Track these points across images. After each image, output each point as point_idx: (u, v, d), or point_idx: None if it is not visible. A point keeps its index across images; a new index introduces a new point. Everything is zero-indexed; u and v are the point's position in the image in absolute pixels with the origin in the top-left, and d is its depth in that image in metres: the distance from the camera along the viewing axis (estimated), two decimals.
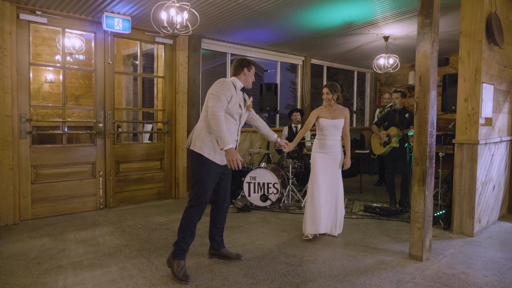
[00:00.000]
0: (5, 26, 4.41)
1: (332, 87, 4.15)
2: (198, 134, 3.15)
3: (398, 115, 5.34)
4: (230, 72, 3.43)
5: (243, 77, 3.33)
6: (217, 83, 3.16)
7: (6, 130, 4.49)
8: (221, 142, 2.94)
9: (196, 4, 4.55)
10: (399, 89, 5.46)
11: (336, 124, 4.15)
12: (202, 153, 3.08)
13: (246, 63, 3.35)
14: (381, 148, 5.40)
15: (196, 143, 3.12)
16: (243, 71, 3.33)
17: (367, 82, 9.91)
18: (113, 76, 5.39)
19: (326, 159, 4.14)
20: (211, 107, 3.00)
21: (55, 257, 3.51)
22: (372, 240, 4.08)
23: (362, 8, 5.02)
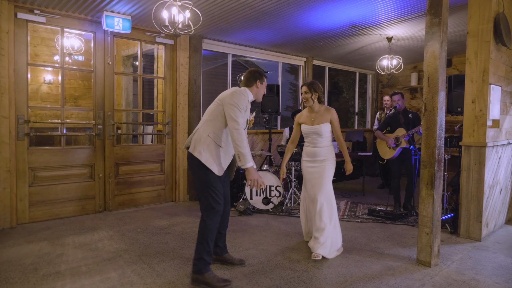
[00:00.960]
0: (2, 25, 4.32)
1: (312, 85, 3.72)
2: (200, 138, 3.00)
3: (402, 116, 5.25)
4: (241, 82, 3.27)
5: (254, 90, 3.20)
6: (237, 93, 3.00)
7: (3, 131, 4.39)
8: (243, 159, 2.90)
9: (198, 3, 4.46)
10: (397, 91, 5.39)
11: (317, 130, 3.70)
12: (200, 158, 2.94)
13: (259, 76, 3.22)
14: (391, 152, 5.29)
15: (196, 147, 2.98)
16: (255, 84, 3.20)
17: (369, 84, 9.83)
18: (112, 76, 5.29)
19: (314, 168, 3.74)
20: (236, 120, 2.89)
21: (52, 263, 3.41)
22: (377, 244, 3.98)
23: (366, 9, 4.94)
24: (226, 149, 3.07)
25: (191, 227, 4.55)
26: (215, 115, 3.03)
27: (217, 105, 3.06)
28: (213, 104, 3.12)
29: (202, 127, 3.05)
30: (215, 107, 3.06)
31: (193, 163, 3.00)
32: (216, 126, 3.01)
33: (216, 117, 3.03)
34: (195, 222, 4.75)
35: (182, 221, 4.84)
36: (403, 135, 5.14)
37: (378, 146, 5.50)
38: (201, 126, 3.07)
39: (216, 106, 3.06)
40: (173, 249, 3.78)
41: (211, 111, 3.08)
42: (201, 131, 3.03)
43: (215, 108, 3.05)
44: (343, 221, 4.86)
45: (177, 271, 3.25)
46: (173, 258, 3.54)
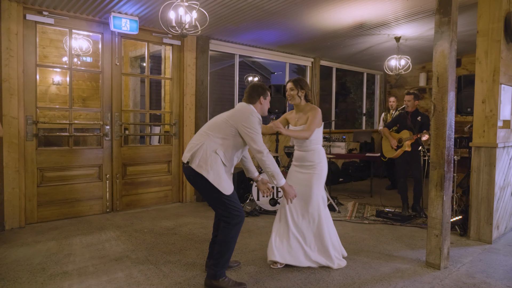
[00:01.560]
0: (11, 26, 4.35)
1: (298, 81, 3.38)
2: (205, 154, 2.83)
3: (411, 118, 5.20)
4: (244, 98, 3.11)
5: (259, 106, 3.07)
6: (250, 118, 2.90)
7: (12, 132, 4.42)
8: (277, 177, 2.93)
9: (205, 3, 4.46)
10: (411, 91, 5.31)
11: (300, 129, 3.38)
12: (208, 178, 2.80)
13: (262, 91, 3.09)
14: (393, 151, 5.26)
15: (201, 163, 2.81)
16: (259, 100, 3.07)
17: (377, 84, 9.77)
18: (120, 77, 5.31)
19: (299, 174, 3.42)
20: (262, 146, 2.87)
21: (60, 263, 3.42)
22: (386, 246, 3.94)
23: (374, 8, 4.90)
24: (229, 168, 2.97)
25: (198, 228, 4.54)
26: (226, 134, 2.90)
27: (228, 125, 2.91)
28: (221, 121, 2.96)
29: (207, 142, 2.88)
30: (225, 126, 2.91)
31: (198, 181, 2.85)
32: (226, 145, 2.90)
33: (227, 136, 2.90)
34: (202, 223, 4.74)
35: (189, 222, 4.84)
36: (407, 138, 5.09)
37: (383, 143, 5.48)
38: (205, 141, 2.89)
39: (227, 125, 2.91)
40: (180, 250, 3.77)
41: (219, 127, 2.93)
42: (207, 147, 2.86)
43: (226, 127, 2.91)
44: (351, 223, 4.83)
45: (183, 272, 3.24)
46: (179, 259, 3.53)
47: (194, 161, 2.84)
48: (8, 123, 4.37)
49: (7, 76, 4.35)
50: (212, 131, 2.93)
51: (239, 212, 2.92)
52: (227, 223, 2.90)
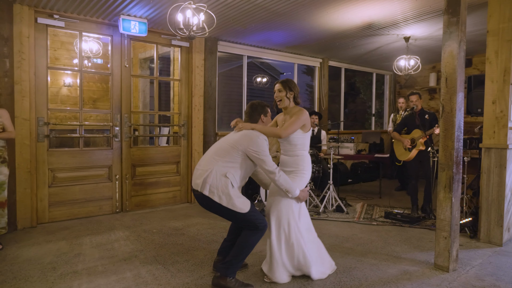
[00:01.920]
0: (23, 30, 4.43)
1: (287, 83, 3.21)
2: (216, 180, 2.82)
3: (419, 117, 5.16)
4: (244, 118, 3.18)
5: (261, 124, 3.10)
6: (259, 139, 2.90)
7: (24, 133, 4.50)
8: (292, 192, 2.97)
9: (213, 5, 4.48)
10: (415, 91, 5.30)
11: None
12: (221, 203, 2.82)
13: (261, 109, 3.11)
14: (407, 153, 5.20)
15: (213, 190, 2.81)
16: (260, 119, 3.11)
17: (386, 84, 9.70)
18: (129, 79, 5.37)
19: None
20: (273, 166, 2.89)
21: (70, 262, 3.47)
22: (394, 248, 3.91)
23: (382, 9, 4.87)
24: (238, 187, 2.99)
25: (206, 229, 4.56)
26: (234, 158, 2.90)
27: (236, 150, 2.90)
28: (228, 146, 2.93)
29: (216, 167, 2.86)
30: (233, 151, 2.90)
31: (213, 206, 2.87)
32: (235, 168, 2.90)
33: (235, 160, 2.90)
34: (210, 224, 4.76)
35: (197, 222, 4.87)
36: (419, 136, 5.05)
37: (395, 147, 5.42)
38: (214, 167, 2.87)
39: (235, 151, 2.90)
40: (188, 250, 3.80)
41: (226, 152, 2.91)
42: (216, 172, 2.85)
43: (234, 152, 2.90)
44: (359, 224, 4.81)
45: (191, 272, 3.26)
46: (187, 259, 3.56)
47: (205, 187, 2.83)
48: (20, 125, 4.45)
49: (19, 79, 4.43)
50: (220, 156, 2.91)
51: (262, 221, 2.93)
52: (246, 232, 2.92)
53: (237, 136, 2.98)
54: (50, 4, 4.45)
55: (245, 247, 2.90)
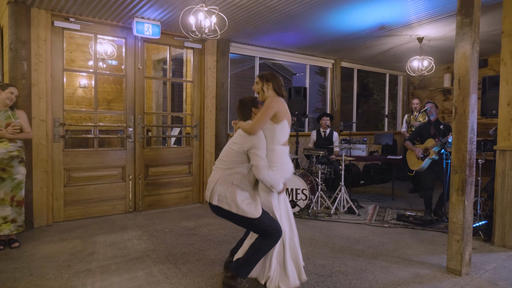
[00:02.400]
0: (40, 33, 4.54)
1: (263, 75, 3.08)
2: (223, 190, 2.84)
3: (434, 127, 5.12)
4: (238, 116, 3.07)
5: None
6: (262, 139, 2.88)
7: (41, 134, 4.61)
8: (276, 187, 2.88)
9: (225, 8, 4.52)
10: (431, 101, 5.27)
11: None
12: (231, 210, 2.83)
13: (251, 103, 3.04)
14: (419, 162, 5.14)
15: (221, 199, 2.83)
16: (253, 112, 3.03)
17: (400, 85, 9.61)
18: (143, 81, 5.45)
19: None
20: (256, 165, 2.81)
21: (84, 260, 3.55)
22: (405, 251, 3.88)
23: (395, 9, 4.84)
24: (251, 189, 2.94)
25: (217, 229, 4.60)
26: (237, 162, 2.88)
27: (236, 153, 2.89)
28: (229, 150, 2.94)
29: (222, 176, 2.88)
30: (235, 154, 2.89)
31: (225, 214, 2.89)
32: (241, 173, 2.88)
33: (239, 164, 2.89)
34: (221, 224, 4.80)
35: (209, 222, 4.91)
36: (432, 145, 5.01)
37: (408, 156, 5.38)
38: (219, 176, 2.89)
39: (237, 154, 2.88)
40: (199, 250, 3.84)
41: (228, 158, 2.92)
42: (222, 181, 2.86)
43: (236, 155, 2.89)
44: (371, 226, 4.78)
45: (202, 272, 3.30)
46: (198, 259, 3.59)
47: (214, 198, 2.86)
48: (37, 126, 4.56)
49: (36, 81, 4.54)
50: (223, 164, 2.92)
51: (276, 228, 2.86)
52: (260, 238, 2.86)
53: (235, 138, 2.98)
54: (66, 7, 4.55)
55: (257, 252, 2.87)
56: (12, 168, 3.83)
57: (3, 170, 3.79)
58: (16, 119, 3.90)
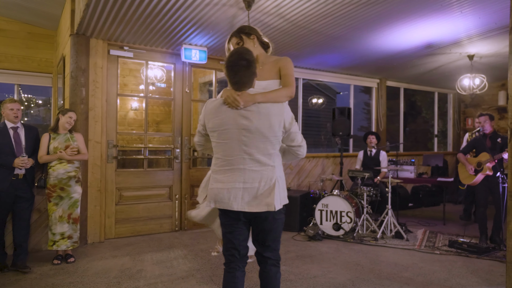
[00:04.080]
0: (98, 61, 4.90)
1: (241, 28, 2.55)
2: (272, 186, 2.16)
3: (490, 140, 4.85)
4: (240, 83, 2.21)
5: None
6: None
7: (96, 155, 4.91)
8: None
9: (269, 32, 4.65)
10: (484, 112, 5.00)
11: (265, 86, 2.41)
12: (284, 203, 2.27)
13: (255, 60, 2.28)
14: (471, 177, 4.90)
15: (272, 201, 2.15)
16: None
17: (450, 104, 9.24)
18: (190, 104, 5.67)
19: None
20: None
21: (133, 277, 3.68)
22: (459, 280, 3.67)
23: (443, 28, 4.73)
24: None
25: None
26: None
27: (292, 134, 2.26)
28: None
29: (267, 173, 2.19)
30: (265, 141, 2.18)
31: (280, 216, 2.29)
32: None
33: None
34: None
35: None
36: (487, 160, 4.74)
37: (460, 169, 5.13)
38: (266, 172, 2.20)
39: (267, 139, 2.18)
40: None
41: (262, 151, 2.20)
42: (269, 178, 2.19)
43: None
44: (420, 252, 4.57)
45: None
46: None
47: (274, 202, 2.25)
48: (92, 147, 4.87)
49: (93, 105, 4.87)
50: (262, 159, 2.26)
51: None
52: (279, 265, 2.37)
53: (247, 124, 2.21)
54: (121, 37, 4.88)
55: None
56: (70, 187, 4.10)
57: (62, 189, 4.06)
58: (74, 141, 4.19)
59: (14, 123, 3.95)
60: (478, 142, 4.96)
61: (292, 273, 3.83)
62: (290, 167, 6.60)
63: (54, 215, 4.03)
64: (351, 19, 4.38)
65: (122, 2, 3.78)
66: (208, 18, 4.28)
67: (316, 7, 3.99)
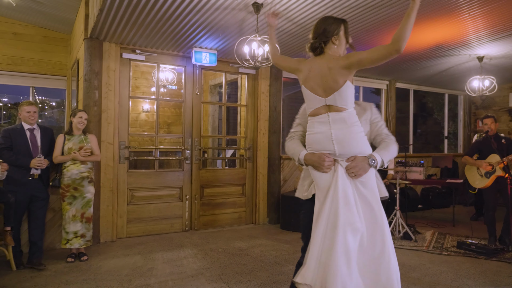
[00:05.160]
0: (110, 64, 5.02)
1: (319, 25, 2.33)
2: None
3: (495, 141, 4.84)
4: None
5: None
6: None
7: (108, 156, 5.03)
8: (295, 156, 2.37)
9: (278, 35, 4.72)
10: (490, 114, 5.00)
11: None
12: None
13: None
14: (484, 180, 4.87)
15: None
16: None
17: (460, 105, 9.19)
18: (200, 106, 5.77)
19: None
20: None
21: (144, 275, 3.78)
22: (466, 281, 3.68)
23: (452, 30, 4.74)
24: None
25: (269, 250, 4.67)
26: None
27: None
28: None
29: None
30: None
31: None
32: None
33: None
34: (273, 245, 4.86)
35: (261, 243, 4.99)
36: (498, 161, 4.73)
37: (467, 173, 5.11)
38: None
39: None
40: (251, 271, 3.93)
41: None
42: None
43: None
44: (428, 253, 4.58)
45: None
46: (250, 280, 3.68)
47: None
48: (105, 148, 4.99)
49: (106, 107, 5.00)
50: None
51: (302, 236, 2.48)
52: None
53: None
54: (133, 41, 5.00)
55: None
56: (83, 187, 4.22)
57: (75, 189, 4.18)
58: (88, 143, 4.31)
59: (31, 124, 4.09)
60: (483, 144, 4.95)
61: None
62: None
63: (68, 214, 4.15)
64: (360, 22, 4.43)
65: (135, 7, 3.89)
66: (218, 21, 4.37)
67: (325, 10, 4.05)
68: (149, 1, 3.76)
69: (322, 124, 2.23)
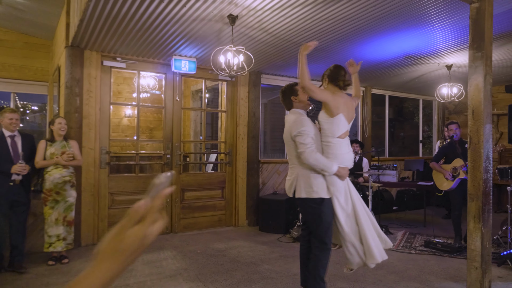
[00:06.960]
0: (91, 72, 5.15)
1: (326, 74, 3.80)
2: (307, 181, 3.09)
3: (459, 146, 5.14)
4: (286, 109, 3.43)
5: (296, 104, 3.30)
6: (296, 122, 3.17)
7: (89, 161, 5.15)
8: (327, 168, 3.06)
9: (254, 45, 4.92)
10: (454, 121, 5.31)
11: None
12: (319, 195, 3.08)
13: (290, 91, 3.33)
14: (448, 183, 5.16)
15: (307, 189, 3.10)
16: (292, 99, 3.32)
17: (434, 110, 9.55)
18: (180, 111, 5.93)
19: None
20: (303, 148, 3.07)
21: (123, 276, 3.90)
22: (428, 277, 3.93)
23: (420, 40, 5.01)
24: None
25: (246, 251, 4.85)
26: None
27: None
28: (291, 147, 3.21)
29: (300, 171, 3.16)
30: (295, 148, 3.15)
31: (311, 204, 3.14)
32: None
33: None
34: (251, 247, 5.04)
35: (239, 245, 5.17)
36: (461, 165, 5.02)
37: (434, 177, 5.39)
38: (298, 171, 3.17)
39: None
40: (227, 271, 4.10)
41: (294, 154, 3.20)
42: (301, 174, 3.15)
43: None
44: (397, 252, 4.83)
45: None
46: (226, 279, 3.85)
47: (300, 192, 3.14)
48: (86, 154, 5.10)
49: (87, 114, 5.12)
50: (294, 161, 3.20)
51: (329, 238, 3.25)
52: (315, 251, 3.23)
53: (286, 129, 3.28)
54: (114, 49, 5.14)
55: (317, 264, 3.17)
56: (65, 191, 4.33)
57: (58, 193, 4.29)
58: (70, 148, 4.43)
59: (12, 131, 4.18)
60: (449, 149, 5.25)
61: (274, 271, 4.08)
62: (278, 172, 6.86)
63: (50, 218, 4.25)
64: (331, 33, 4.66)
65: (115, 18, 4.04)
66: (196, 31, 4.55)
67: (296, 22, 4.27)
68: (128, 12, 3.92)
69: (348, 146, 3.30)
